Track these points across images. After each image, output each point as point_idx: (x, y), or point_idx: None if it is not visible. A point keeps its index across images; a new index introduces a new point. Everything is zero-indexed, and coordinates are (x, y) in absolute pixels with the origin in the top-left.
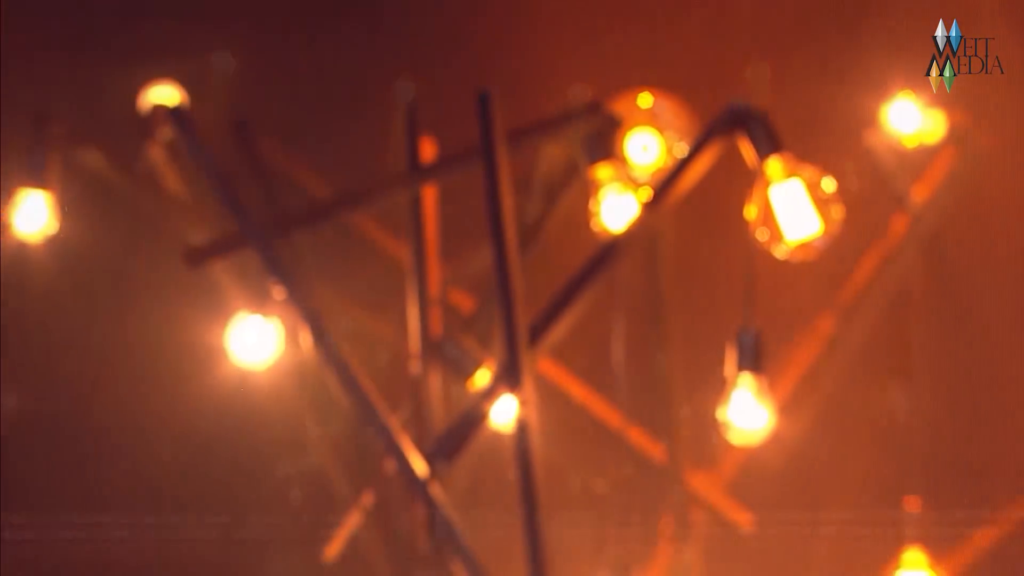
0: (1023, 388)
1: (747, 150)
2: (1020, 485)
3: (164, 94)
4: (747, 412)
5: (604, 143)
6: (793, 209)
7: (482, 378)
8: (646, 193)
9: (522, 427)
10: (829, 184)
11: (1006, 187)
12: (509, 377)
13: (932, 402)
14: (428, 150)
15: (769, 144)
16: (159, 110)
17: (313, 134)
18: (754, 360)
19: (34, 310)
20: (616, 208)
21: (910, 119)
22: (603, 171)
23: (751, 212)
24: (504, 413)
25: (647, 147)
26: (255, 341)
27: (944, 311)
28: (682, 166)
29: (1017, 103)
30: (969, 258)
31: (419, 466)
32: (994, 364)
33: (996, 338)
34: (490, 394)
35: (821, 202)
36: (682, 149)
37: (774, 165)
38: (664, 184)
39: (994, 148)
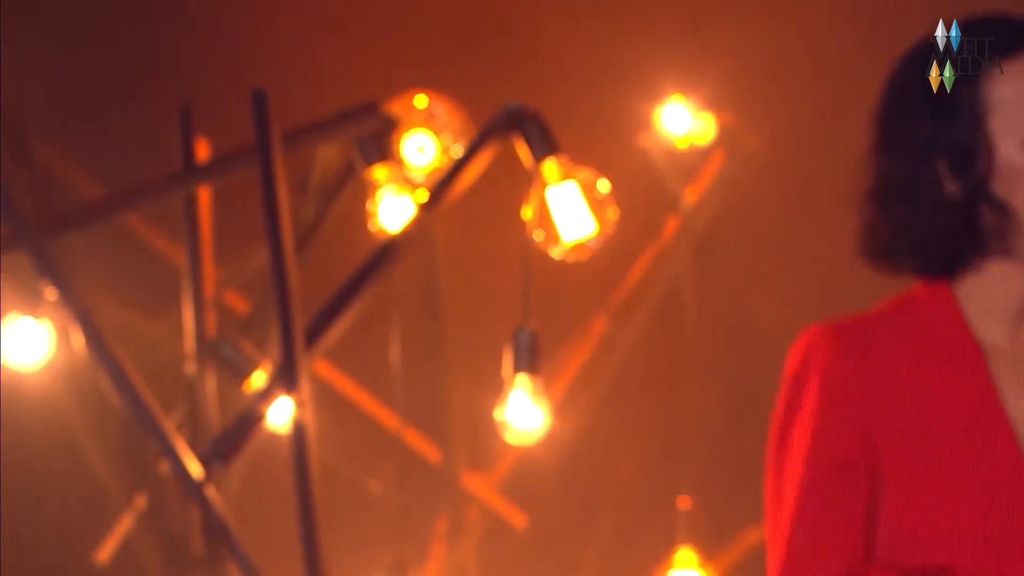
0: None
1: (523, 152)
2: None
3: None
4: (523, 412)
5: (380, 144)
6: (569, 210)
7: (258, 379)
8: (422, 194)
9: (298, 428)
10: (604, 185)
11: (775, 187)
12: (285, 378)
13: (704, 401)
14: (202, 150)
15: (545, 146)
16: None
17: (86, 134)
18: (530, 361)
19: None
20: (392, 209)
21: (682, 121)
22: (379, 172)
23: (527, 213)
24: (280, 414)
25: (423, 148)
26: (26, 343)
27: (715, 310)
28: (458, 167)
29: (784, 104)
30: (739, 257)
31: (194, 468)
32: (763, 363)
33: (766, 337)
34: (266, 395)
35: (596, 203)
36: (458, 150)
37: (550, 167)
38: (440, 185)
39: (763, 149)
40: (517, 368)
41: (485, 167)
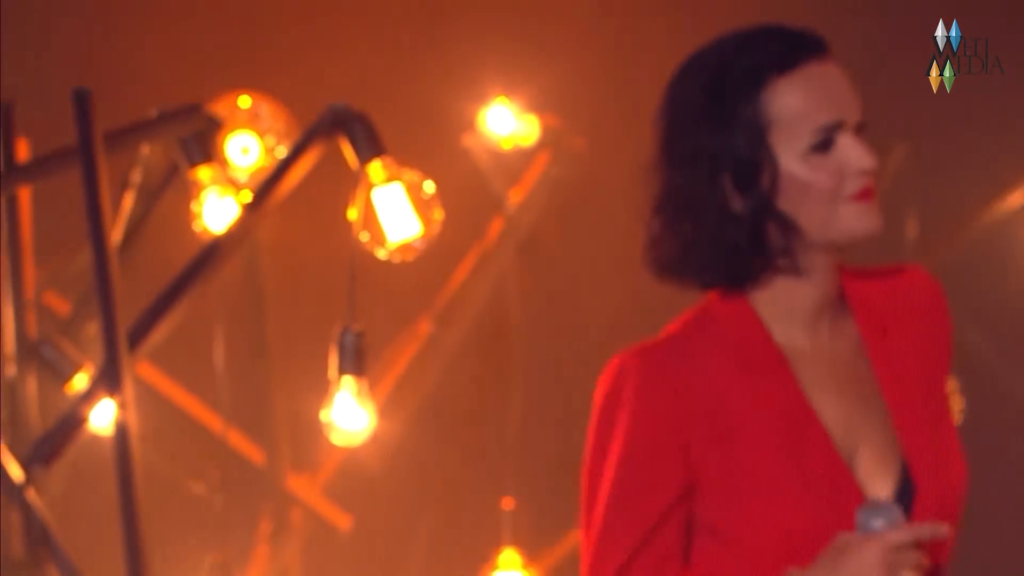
0: None
1: (348, 153)
2: None
3: None
4: (348, 413)
5: (204, 145)
6: (394, 211)
7: (80, 381)
8: (247, 195)
9: (121, 431)
10: (429, 187)
11: (598, 188)
12: (108, 380)
13: (528, 402)
14: (23, 150)
15: (370, 147)
16: None
17: None
18: (355, 362)
19: None
20: (217, 210)
21: (506, 123)
22: (203, 173)
23: (353, 214)
24: (103, 416)
25: (247, 149)
26: None
27: (539, 311)
28: (282, 168)
29: (607, 105)
30: (564, 258)
31: (14, 470)
32: (588, 363)
33: (590, 337)
34: (88, 397)
35: (422, 204)
36: (283, 151)
37: (375, 168)
38: (264, 186)
39: (586, 150)
40: (342, 369)
41: (310, 168)
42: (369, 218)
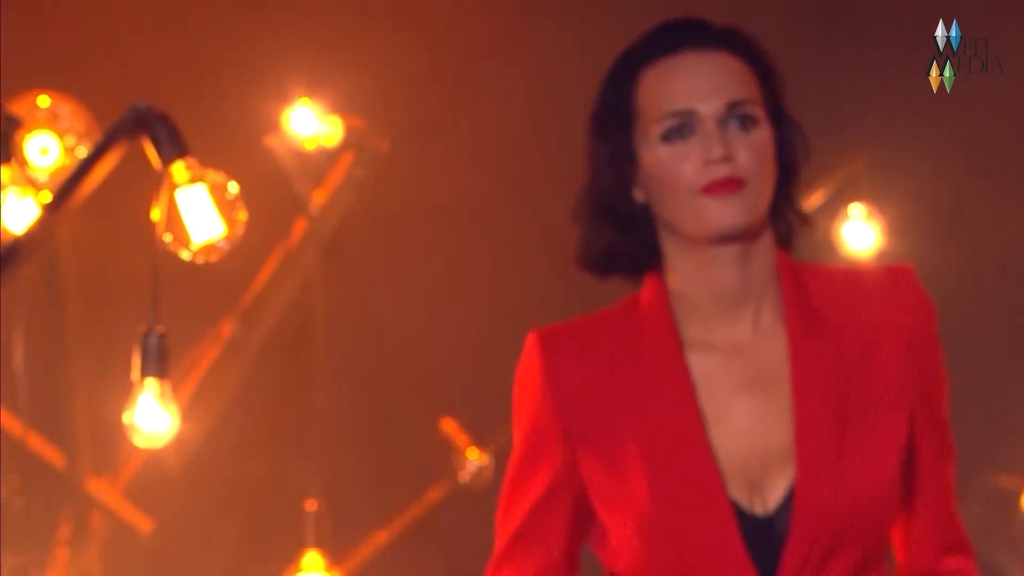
0: (433, 388)
1: (151, 153)
2: (416, 488)
3: None
4: (151, 416)
5: (2, 145)
6: (198, 212)
7: None
8: (47, 195)
9: None
10: (233, 187)
11: (401, 188)
12: None
13: (332, 403)
14: None
15: (173, 148)
16: None
17: None
18: (158, 363)
19: None
20: (16, 210)
21: (309, 123)
22: (3, 173)
23: (156, 215)
24: None
25: (47, 149)
26: None
27: (343, 312)
28: (83, 168)
29: (408, 107)
30: (367, 259)
31: None
32: (391, 364)
33: (393, 338)
34: None
35: (225, 205)
36: (84, 151)
37: (179, 169)
38: (65, 186)
39: (388, 150)
40: (145, 371)
41: (112, 168)
42: (172, 219)
